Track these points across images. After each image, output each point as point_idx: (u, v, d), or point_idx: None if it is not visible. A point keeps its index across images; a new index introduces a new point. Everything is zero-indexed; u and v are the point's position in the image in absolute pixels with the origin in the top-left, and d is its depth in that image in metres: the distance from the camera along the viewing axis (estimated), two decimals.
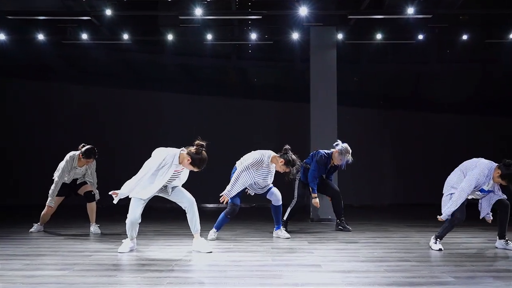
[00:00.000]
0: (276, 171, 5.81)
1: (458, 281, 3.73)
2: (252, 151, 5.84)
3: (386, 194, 10.71)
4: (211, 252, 4.88)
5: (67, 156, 6.19)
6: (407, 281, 3.71)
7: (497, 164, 4.98)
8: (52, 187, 6.13)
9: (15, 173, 10.29)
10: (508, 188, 5.01)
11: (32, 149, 10.29)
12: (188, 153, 4.71)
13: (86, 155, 6.11)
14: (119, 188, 4.74)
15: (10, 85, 10.50)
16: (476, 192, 5.11)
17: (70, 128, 10.11)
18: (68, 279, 3.77)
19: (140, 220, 4.88)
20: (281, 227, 5.99)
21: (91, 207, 6.34)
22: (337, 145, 6.36)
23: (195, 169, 4.76)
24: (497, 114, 10.84)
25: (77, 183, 6.36)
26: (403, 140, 10.70)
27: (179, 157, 4.72)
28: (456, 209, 4.94)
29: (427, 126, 10.82)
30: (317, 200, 6.30)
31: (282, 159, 5.65)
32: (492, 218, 5.21)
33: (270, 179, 5.79)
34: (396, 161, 10.68)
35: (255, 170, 5.63)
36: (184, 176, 5.01)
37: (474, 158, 5.15)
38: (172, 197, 4.99)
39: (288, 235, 5.92)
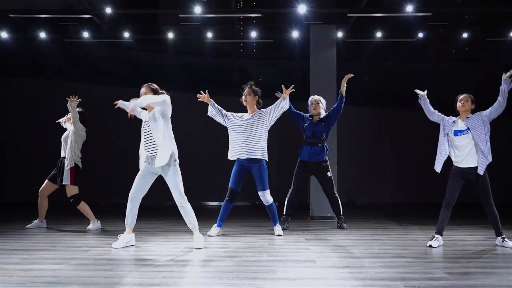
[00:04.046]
0: None
1: (451, 276, 3.75)
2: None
3: (387, 193, 10.69)
4: (199, 248, 4.87)
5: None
6: (400, 277, 3.73)
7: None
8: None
9: (14, 171, 10.33)
10: None
11: (32, 147, 10.31)
12: None
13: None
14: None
15: (11, 84, 10.51)
16: (455, 143, 5.59)
17: None
18: (63, 272, 3.81)
19: (139, 200, 4.94)
20: (278, 223, 6.01)
21: (82, 208, 6.39)
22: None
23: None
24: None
25: (61, 156, 6.43)
26: (404, 139, 10.64)
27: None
28: (446, 190, 5.30)
29: (430, 125, 10.77)
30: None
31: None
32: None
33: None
34: (397, 159, 10.64)
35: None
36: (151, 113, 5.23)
37: None
38: (169, 185, 5.00)
39: (281, 232, 5.91)
